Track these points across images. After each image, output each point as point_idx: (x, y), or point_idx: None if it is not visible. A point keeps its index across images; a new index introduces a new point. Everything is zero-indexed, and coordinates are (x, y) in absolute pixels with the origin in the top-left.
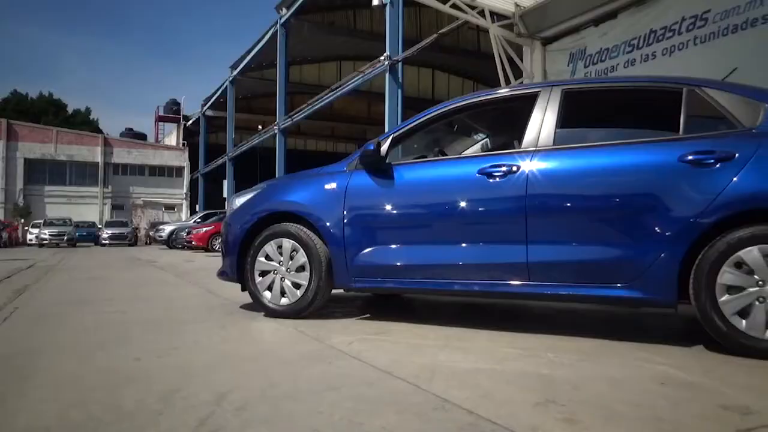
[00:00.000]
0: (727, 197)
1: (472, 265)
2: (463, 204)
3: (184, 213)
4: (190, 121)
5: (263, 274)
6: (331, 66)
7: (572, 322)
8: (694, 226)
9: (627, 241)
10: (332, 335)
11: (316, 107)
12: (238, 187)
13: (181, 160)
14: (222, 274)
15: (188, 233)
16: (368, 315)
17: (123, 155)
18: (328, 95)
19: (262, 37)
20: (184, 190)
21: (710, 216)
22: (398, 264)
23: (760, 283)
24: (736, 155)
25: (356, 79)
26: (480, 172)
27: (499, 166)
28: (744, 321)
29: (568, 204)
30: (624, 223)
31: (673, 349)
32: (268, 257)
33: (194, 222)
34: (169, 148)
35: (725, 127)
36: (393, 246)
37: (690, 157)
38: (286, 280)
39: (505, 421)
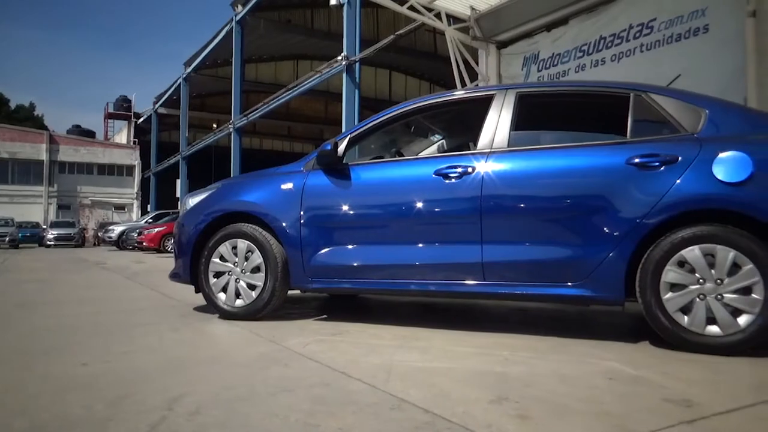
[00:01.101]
0: (670, 199)
1: (428, 265)
2: (419, 204)
3: (135, 213)
4: (142, 119)
5: (218, 275)
6: (287, 65)
7: (525, 320)
8: (640, 226)
9: (577, 241)
10: (288, 337)
11: (273, 106)
12: (192, 187)
13: (132, 158)
14: (174, 276)
15: (139, 234)
16: (325, 316)
17: (70, 153)
18: (285, 94)
19: (217, 34)
20: (135, 190)
21: (655, 217)
22: (355, 264)
23: (701, 281)
24: (679, 158)
25: (313, 78)
26: (436, 173)
27: (455, 167)
28: (686, 317)
29: (522, 205)
30: (574, 223)
31: (620, 345)
32: (222, 258)
33: (146, 222)
34: (119, 146)
35: (669, 132)
36: (350, 246)
37: (636, 160)
38: (241, 281)
39: (461, 419)
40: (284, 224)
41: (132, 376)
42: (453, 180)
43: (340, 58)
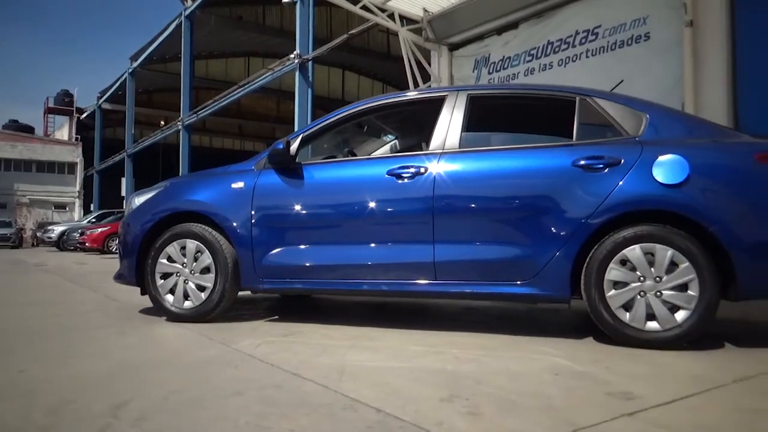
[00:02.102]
0: (614, 200)
1: (380, 264)
2: (372, 204)
3: (77, 212)
4: (85, 114)
5: (165, 276)
6: (239, 62)
7: (476, 319)
8: (585, 226)
9: (526, 241)
10: (239, 338)
11: (223, 104)
12: (138, 186)
13: (74, 155)
14: (119, 277)
15: (81, 234)
16: (276, 317)
17: (6, 149)
18: (236, 92)
19: (166, 28)
20: (77, 188)
21: (599, 217)
22: (307, 264)
23: (642, 278)
24: (622, 161)
25: (265, 76)
26: (389, 173)
27: (408, 167)
28: (628, 314)
29: (473, 205)
30: (523, 223)
31: (566, 342)
32: (170, 259)
33: (88, 222)
34: (60, 142)
35: (612, 135)
36: (302, 246)
37: (582, 162)
38: (189, 282)
39: (412, 417)
40: (235, 224)
41: (74, 382)
42: (405, 180)
43: (292, 56)
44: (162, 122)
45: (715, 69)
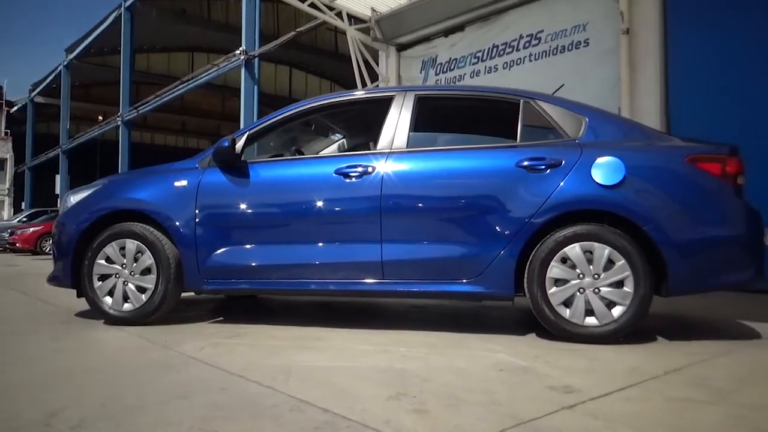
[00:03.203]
0: (555, 200)
1: (328, 264)
2: (319, 204)
3: (7, 211)
4: (16, 108)
5: (103, 278)
6: (182, 56)
7: (423, 317)
8: (528, 225)
9: (471, 240)
10: (182, 341)
11: (166, 99)
12: (74, 183)
13: (4, 151)
14: (53, 280)
15: (12, 234)
16: (221, 318)
17: None
18: (179, 87)
19: (104, 19)
20: (7, 185)
21: (542, 216)
22: (253, 264)
23: (581, 276)
24: (563, 162)
25: (210, 72)
26: (337, 172)
27: (355, 166)
28: (568, 310)
29: (420, 204)
30: (469, 223)
31: (510, 338)
32: (108, 259)
33: (19, 221)
34: None
35: (554, 137)
36: (248, 246)
37: (525, 163)
38: (129, 283)
39: (360, 416)
40: (178, 223)
41: (4, 391)
42: (353, 179)
43: (238, 52)
44: (100, 117)
45: (649, 75)
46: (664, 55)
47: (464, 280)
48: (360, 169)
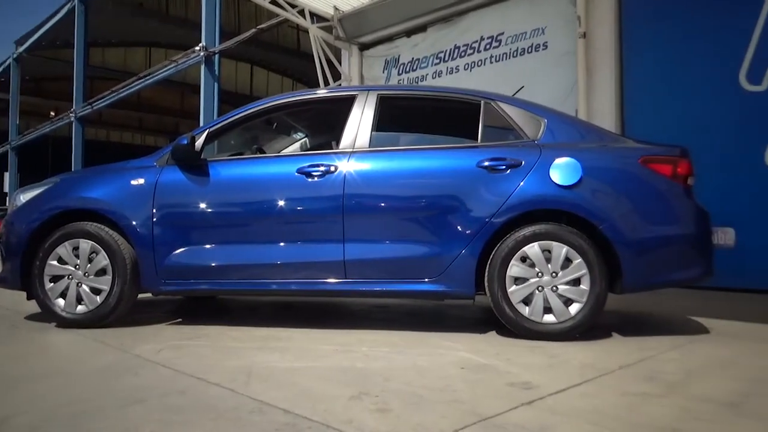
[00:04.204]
0: (515, 200)
1: (290, 264)
2: (281, 203)
3: None
4: None
5: (55, 279)
6: (139, 52)
7: (386, 317)
8: (489, 225)
9: (433, 239)
10: (139, 343)
11: (122, 95)
12: (24, 181)
13: None
14: (1, 281)
15: None
16: (180, 319)
17: None
18: (136, 83)
19: (58, 11)
20: None
21: (502, 216)
22: (213, 264)
23: (540, 274)
24: (523, 163)
25: (169, 68)
26: (299, 171)
27: (318, 165)
28: (527, 308)
29: (382, 204)
30: (430, 222)
31: (471, 336)
32: (61, 260)
33: None
34: None
35: (514, 138)
36: (208, 246)
37: (486, 163)
38: (83, 285)
39: (322, 417)
40: (134, 223)
41: None
42: (316, 179)
43: (198, 48)
44: (52, 113)
45: (605, 78)
46: (619, 58)
47: (426, 279)
48: (322, 169)
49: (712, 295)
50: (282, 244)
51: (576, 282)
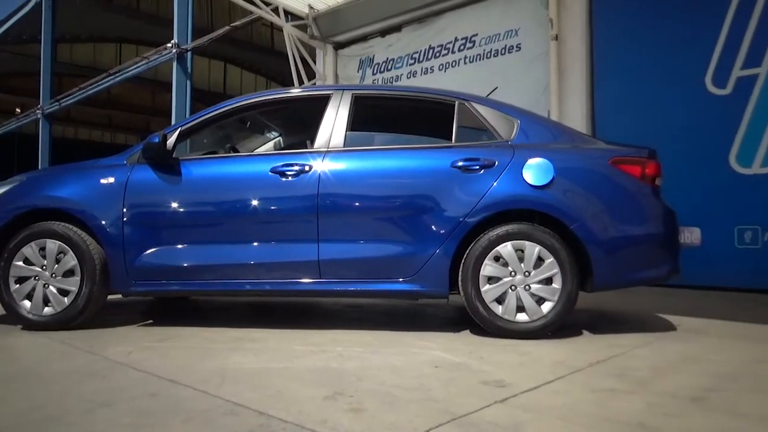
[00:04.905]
0: (488, 200)
1: (264, 264)
2: (254, 202)
3: None
4: None
5: (21, 280)
6: (109, 48)
7: (360, 316)
8: (462, 225)
9: (407, 239)
10: (108, 346)
11: (91, 92)
12: None
13: None
14: None
15: None
16: (151, 321)
17: None
18: (106, 80)
19: (24, 5)
20: None
21: (475, 216)
22: (185, 265)
23: (513, 273)
24: (496, 163)
25: (140, 65)
26: (273, 170)
27: (292, 165)
28: (500, 307)
29: (356, 204)
30: (405, 222)
31: (444, 335)
32: (27, 261)
33: None
34: None
35: (487, 138)
36: (179, 246)
37: (460, 164)
38: (50, 286)
39: (296, 417)
40: (104, 222)
41: None
42: (290, 178)
43: (170, 45)
44: (18, 110)
45: (576, 80)
46: (590, 61)
47: (401, 279)
48: (296, 168)
49: (678, 293)
50: (256, 244)
51: (548, 281)
